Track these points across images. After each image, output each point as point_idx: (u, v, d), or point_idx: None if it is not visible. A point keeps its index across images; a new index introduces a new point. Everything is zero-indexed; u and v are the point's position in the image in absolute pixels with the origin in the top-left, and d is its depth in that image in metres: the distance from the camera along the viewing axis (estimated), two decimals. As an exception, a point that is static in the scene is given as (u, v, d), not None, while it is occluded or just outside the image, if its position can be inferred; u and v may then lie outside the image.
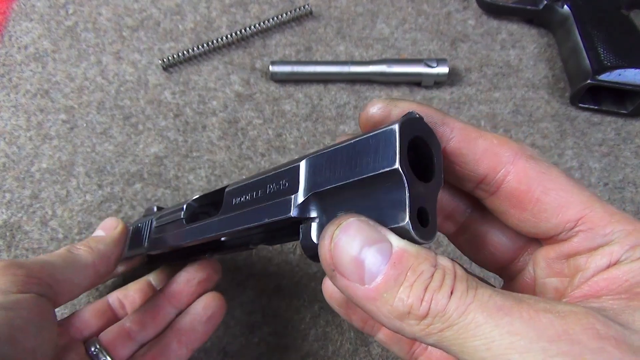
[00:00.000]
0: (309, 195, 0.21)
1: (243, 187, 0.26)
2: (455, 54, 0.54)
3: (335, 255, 0.18)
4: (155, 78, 0.50)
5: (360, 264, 0.18)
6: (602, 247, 0.20)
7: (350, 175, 0.19)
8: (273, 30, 0.54)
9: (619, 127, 0.50)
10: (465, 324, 0.16)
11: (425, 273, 0.17)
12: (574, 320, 0.16)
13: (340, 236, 0.18)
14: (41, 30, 0.52)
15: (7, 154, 0.45)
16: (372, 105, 0.22)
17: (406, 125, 0.19)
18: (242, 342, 0.40)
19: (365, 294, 0.18)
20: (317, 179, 0.21)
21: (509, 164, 0.21)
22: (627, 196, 0.46)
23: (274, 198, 0.23)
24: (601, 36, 0.49)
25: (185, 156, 0.47)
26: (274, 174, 0.24)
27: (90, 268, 0.29)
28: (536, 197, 0.20)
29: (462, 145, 0.21)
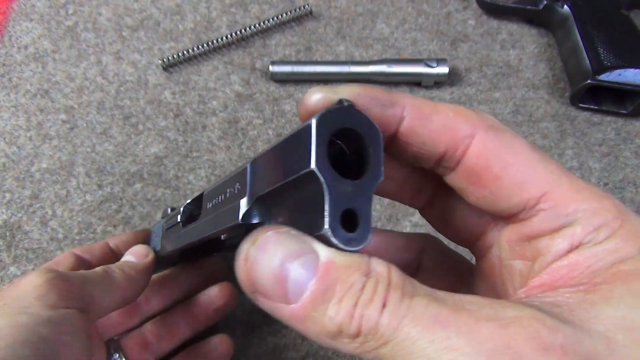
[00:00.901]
0: (254, 200, 0.20)
1: (213, 190, 0.25)
2: (455, 54, 0.54)
3: (254, 275, 0.16)
4: (155, 78, 0.50)
5: (283, 282, 0.16)
6: (564, 228, 0.18)
7: (279, 177, 0.18)
8: (273, 30, 0.54)
9: (619, 127, 0.50)
10: (400, 341, 0.14)
11: (355, 285, 0.15)
12: (518, 329, 0.14)
13: (257, 254, 0.16)
14: (41, 30, 0.52)
15: (7, 154, 0.45)
16: (310, 96, 0.19)
17: (326, 119, 0.16)
18: (242, 342, 0.40)
19: (293, 314, 0.16)
20: (258, 182, 0.20)
21: (467, 138, 0.19)
22: (627, 196, 0.46)
23: (229, 203, 0.21)
24: (601, 36, 0.49)
25: (185, 156, 0.47)
26: (231, 177, 0.22)
27: (121, 291, 0.29)
28: (495, 173, 0.18)
29: (415, 124, 0.19)
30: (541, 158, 0.18)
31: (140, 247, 0.34)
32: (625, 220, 0.17)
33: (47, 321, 0.22)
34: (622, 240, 0.17)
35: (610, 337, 0.14)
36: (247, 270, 0.17)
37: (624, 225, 0.17)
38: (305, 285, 0.15)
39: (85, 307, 0.25)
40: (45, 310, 0.22)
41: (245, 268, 0.17)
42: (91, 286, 0.26)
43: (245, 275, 0.17)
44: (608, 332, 0.14)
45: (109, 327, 0.34)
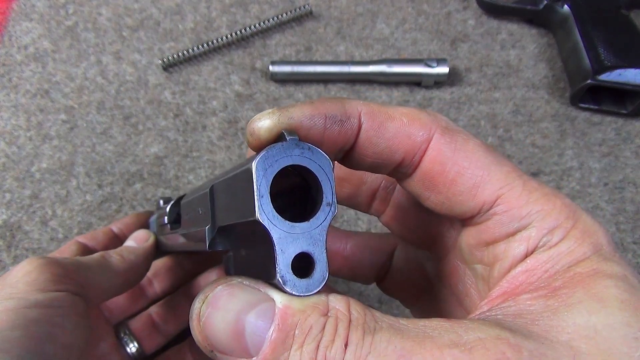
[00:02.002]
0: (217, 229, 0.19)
1: (186, 203, 0.25)
2: (455, 54, 0.54)
3: (209, 334, 0.16)
4: (155, 78, 0.50)
5: (241, 335, 0.15)
6: (519, 231, 0.18)
7: (233, 215, 0.17)
8: (273, 30, 0.54)
9: (619, 127, 0.50)
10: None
11: (314, 328, 0.15)
12: (482, 352, 0.14)
13: (209, 312, 0.16)
14: (41, 30, 0.52)
15: (7, 154, 0.45)
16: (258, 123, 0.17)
17: (268, 160, 0.15)
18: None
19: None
20: (218, 211, 0.19)
21: (423, 143, 0.19)
22: (627, 196, 0.46)
23: (198, 224, 0.21)
24: (601, 36, 0.49)
25: (185, 156, 0.47)
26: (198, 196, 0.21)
27: (120, 276, 0.29)
28: (451, 178, 0.18)
29: (371, 135, 0.19)
30: (495, 160, 0.18)
31: (141, 232, 0.34)
32: (578, 219, 0.17)
33: (36, 304, 0.22)
34: (576, 241, 0.17)
35: (574, 346, 0.14)
36: (201, 330, 0.16)
37: (576, 225, 0.17)
38: (264, 335, 0.15)
39: (80, 290, 0.25)
40: (34, 294, 0.22)
41: (199, 328, 0.16)
42: (86, 271, 0.26)
43: (201, 335, 0.16)
44: (572, 342, 0.14)
45: (115, 311, 0.34)
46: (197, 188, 0.25)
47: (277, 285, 0.16)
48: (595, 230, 0.17)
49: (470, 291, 0.21)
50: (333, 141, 0.18)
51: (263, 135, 0.17)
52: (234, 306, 0.16)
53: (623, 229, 0.44)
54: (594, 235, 0.17)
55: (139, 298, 0.36)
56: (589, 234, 0.17)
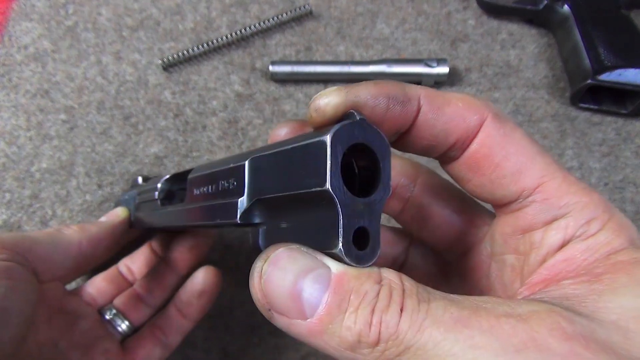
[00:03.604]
0: (253, 201, 0.19)
1: (201, 177, 0.24)
2: (455, 54, 0.54)
3: (268, 293, 0.16)
4: (155, 78, 0.50)
5: (298, 297, 0.16)
6: (557, 220, 0.18)
7: (287, 187, 0.18)
8: (273, 30, 0.54)
9: (619, 127, 0.50)
10: (422, 344, 0.14)
11: (370, 293, 0.15)
12: (538, 322, 0.14)
13: (270, 271, 0.17)
14: (41, 30, 0.52)
15: (7, 154, 0.45)
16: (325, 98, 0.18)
17: (340, 135, 0.16)
18: (242, 342, 0.40)
19: (310, 329, 0.16)
20: (260, 184, 0.19)
21: (476, 127, 0.19)
22: (627, 196, 0.46)
23: (224, 197, 0.21)
24: (601, 36, 0.49)
25: (185, 156, 0.47)
26: (224, 169, 0.21)
27: (74, 247, 0.29)
28: (496, 162, 0.19)
29: (429, 117, 0.19)
30: (539, 151, 0.19)
31: (116, 209, 0.35)
32: (613, 214, 0.18)
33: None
34: (613, 233, 0.17)
35: (623, 325, 0.14)
36: (261, 287, 0.17)
37: (612, 219, 0.18)
38: (320, 298, 0.15)
39: (21, 260, 0.26)
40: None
41: (259, 285, 0.17)
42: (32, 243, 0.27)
43: (260, 293, 0.17)
44: (620, 322, 0.15)
45: (98, 296, 0.35)
46: (210, 164, 0.24)
47: (335, 255, 0.16)
48: (629, 226, 0.18)
49: (495, 285, 0.21)
50: (393, 122, 0.19)
51: (329, 112, 0.18)
52: (293, 268, 0.16)
53: (623, 229, 0.44)
54: (629, 229, 0.18)
55: (122, 288, 0.36)
56: (624, 227, 0.18)
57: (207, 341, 0.40)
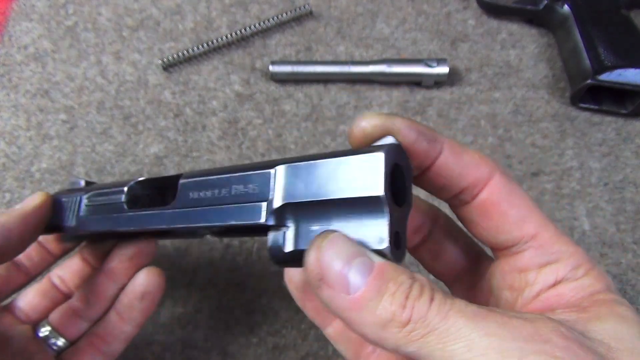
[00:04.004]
0: (282, 205, 0.21)
1: (203, 182, 0.25)
2: (455, 54, 0.54)
3: (322, 266, 0.19)
4: (155, 78, 0.50)
5: (345, 275, 0.18)
6: (549, 264, 0.22)
7: (331, 192, 0.20)
8: (273, 30, 0.54)
9: (619, 127, 0.50)
10: (446, 328, 0.17)
11: (405, 284, 0.18)
12: (542, 323, 0.17)
13: (328, 248, 0.19)
14: (41, 30, 0.52)
15: (7, 154, 0.45)
16: (367, 119, 0.22)
17: (391, 153, 0.20)
18: (242, 342, 0.40)
19: (351, 304, 0.18)
20: (293, 189, 0.21)
21: (487, 178, 0.23)
22: (627, 196, 0.46)
23: (242, 201, 0.23)
24: (601, 36, 0.49)
25: (185, 156, 0.47)
26: (242, 175, 0.23)
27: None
28: (503, 210, 0.23)
29: (449, 160, 0.23)
30: (536, 206, 0.23)
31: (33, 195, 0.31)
32: (594, 264, 0.22)
33: None
34: (595, 279, 0.21)
35: (606, 343, 0.18)
36: (318, 258, 0.19)
37: (593, 268, 0.22)
38: (363, 280, 0.18)
39: None
40: None
41: (316, 256, 0.19)
42: None
43: (316, 263, 0.19)
44: (604, 340, 0.18)
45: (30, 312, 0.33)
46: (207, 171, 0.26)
47: (379, 251, 0.19)
48: (606, 275, 0.22)
49: None
50: (418, 154, 0.22)
51: (369, 130, 0.22)
52: (346, 250, 0.19)
53: (623, 229, 0.44)
54: (606, 277, 0.22)
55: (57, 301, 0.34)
56: (603, 275, 0.22)
57: (207, 341, 0.40)
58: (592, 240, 0.44)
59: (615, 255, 0.43)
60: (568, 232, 0.44)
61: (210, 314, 0.40)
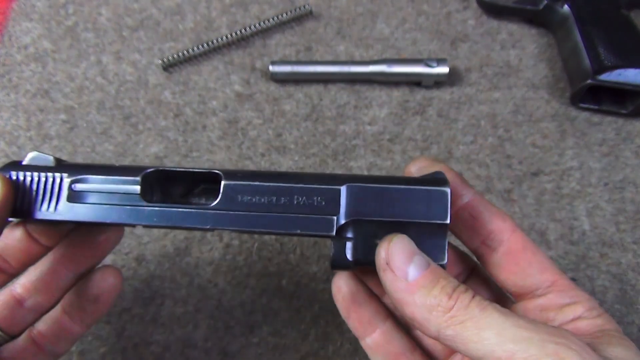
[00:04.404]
0: (351, 220, 0.25)
1: (257, 187, 0.26)
2: (455, 54, 0.54)
3: (391, 255, 0.23)
4: (155, 78, 0.51)
5: (407, 265, 0.23)
6: (568, 305, 0.25)
7: (400, 215, 0.25)
8: (273, 30, 0.54)
9: (619, 127, 0.50)
10: (483, 317, 0.21)
11: (453, 282, 0.23)
12: (564, 330, 0.21)
13: (396, 241, 0.24)
14: (41, 30, 0.52)
15: (7, 154, 0.45)
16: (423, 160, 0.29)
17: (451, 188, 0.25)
18: (242, 342, 0.40)
19: (407, 287, 0.23)
20: (361, 207, 0.25)
21: (510, 230, 0.27)
22: (627, 196, 0.46)
23: (308, 212, 0.26)
24: (601, 36, 0.49)
25: (185, 156, 0.47)
26: (307, 188, 0.26)
27: None
28: (528, 257, 0.27)
29: (476, 204, 0.27)
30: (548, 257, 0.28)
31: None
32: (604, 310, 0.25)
33: None
34: (606, 320, 0.25)
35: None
36: (387, 248, 0.24)
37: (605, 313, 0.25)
38: (420, 272, 0.23)
39: None
40: None
41: (387, 246, 0.24)
42: None
43: (385, 251, 0.24)
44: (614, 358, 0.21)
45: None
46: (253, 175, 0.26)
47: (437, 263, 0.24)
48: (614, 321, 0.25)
49: None
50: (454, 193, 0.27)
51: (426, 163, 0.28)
52: (411, 247, 0.24)
53: (623, 229, 0.44)
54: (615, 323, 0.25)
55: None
56: (613, 320, 0.25)
57: (207, 341, 0.40)
58: (592, 240, 0.44)
59: (615, 255, 0.43)
60: (568, 232, 0.44)
61: (210, 314, 0.40)
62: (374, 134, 0.49)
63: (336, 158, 0.47)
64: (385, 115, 0.50)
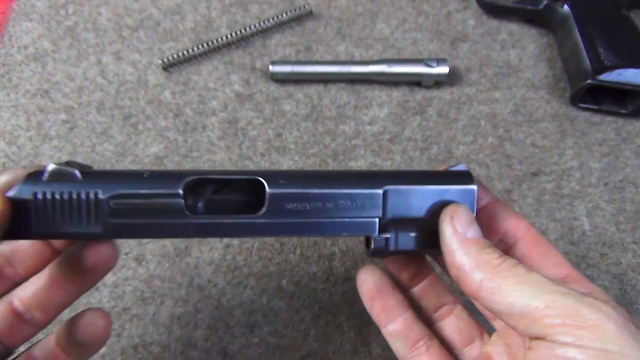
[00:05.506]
0: (390, 219, 0.27)
1: (301, 195, 0.27)
2: (455, 54, 0.54)
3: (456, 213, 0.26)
4: (155, 78, 0.51)
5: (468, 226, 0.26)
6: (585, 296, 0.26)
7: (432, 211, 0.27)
8: (273, 30, 0.54)
9: (619, 127, 0.50)
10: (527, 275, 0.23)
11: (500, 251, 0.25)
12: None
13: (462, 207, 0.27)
14: (41, 30, 0.52)
15: (7, 154, 0.45)
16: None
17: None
18: (242, 342, 0.40)
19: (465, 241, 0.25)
20: (399, 207, 0.27)
21: (525, 228, 0.29)
22: (627, 196, 0.46)
23: (352, 216, 0.27)
24: (601, 36, 0.49)
25: (185, 156, 0.47)
26: (350, 193, 0.27)
27: None
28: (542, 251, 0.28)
29: (494, 206, 0.29)
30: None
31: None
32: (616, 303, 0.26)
33: None
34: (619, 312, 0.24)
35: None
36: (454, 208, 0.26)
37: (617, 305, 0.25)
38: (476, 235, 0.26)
39: None
40: None
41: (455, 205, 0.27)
42: None
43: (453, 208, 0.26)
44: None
45: None
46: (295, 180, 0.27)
47: None
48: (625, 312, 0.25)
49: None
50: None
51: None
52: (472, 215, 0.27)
53: (623, 229, 0.44)
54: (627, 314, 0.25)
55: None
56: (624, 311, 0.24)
57: (207, 341, 0.40)
58: (592, 240, 0.44)
59: (615, 255, 0.43)
60: (568, 232, 0.44)
61: (210, 314, 0.40)
62: (374, 134, 0.49)
63: (336, 158, 0.47)
64: (385, 115, 0.50)
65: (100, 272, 0.30)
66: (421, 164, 0.47)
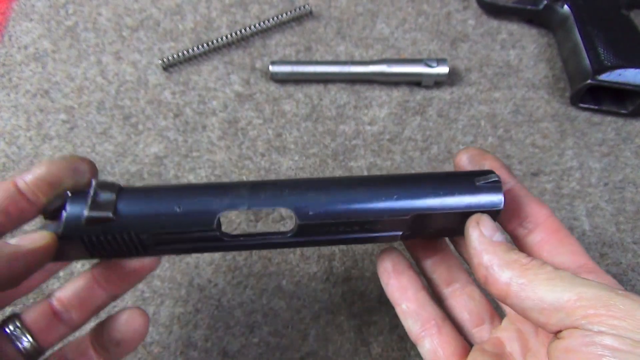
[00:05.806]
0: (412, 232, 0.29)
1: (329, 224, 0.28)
2: (455, 54, 0.54)
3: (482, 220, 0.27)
4: (155, 78, 0.51)
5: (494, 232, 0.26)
6: None
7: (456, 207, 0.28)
8: (273, 30, 0.54)
9: (619, 127, 0.50)
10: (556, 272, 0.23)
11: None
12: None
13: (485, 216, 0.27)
14: (41, 30, 0.52)
15: (7, 154, 0.45)
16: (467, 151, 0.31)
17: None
18: (242, 342, 0.40)
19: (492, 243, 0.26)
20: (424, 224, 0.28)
21: (546, 215, 0.29)
22: (627, 196, 0.46)
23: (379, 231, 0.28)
24: (601, 36, 0.49)
25: (185, 156, 0.47)
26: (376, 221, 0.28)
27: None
28: (560, 238, 0.28)
29: (517, 192, 0.29)
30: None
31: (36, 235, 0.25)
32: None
33: None
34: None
35: None
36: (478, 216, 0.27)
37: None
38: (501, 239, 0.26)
39: None
40: None
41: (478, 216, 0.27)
42: None
43: (477, 218, 0.27)
44: None
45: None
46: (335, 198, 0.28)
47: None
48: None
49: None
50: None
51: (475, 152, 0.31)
52: (494, 222, 0.27)
53: (623, 229, 0.44)
54: None
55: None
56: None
57: (207, 341, 0.40)
58: (592, 240, 0.44)
59: (615, 255, 0.43)
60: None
61: (210, 314, 0.40)
62: (374, 134, 0.49)
63: (336, 158, 0.47)
64: (385, 115, 0.50)
65: (142, 275, 0.31)
66: (421, 164, 0.47)
